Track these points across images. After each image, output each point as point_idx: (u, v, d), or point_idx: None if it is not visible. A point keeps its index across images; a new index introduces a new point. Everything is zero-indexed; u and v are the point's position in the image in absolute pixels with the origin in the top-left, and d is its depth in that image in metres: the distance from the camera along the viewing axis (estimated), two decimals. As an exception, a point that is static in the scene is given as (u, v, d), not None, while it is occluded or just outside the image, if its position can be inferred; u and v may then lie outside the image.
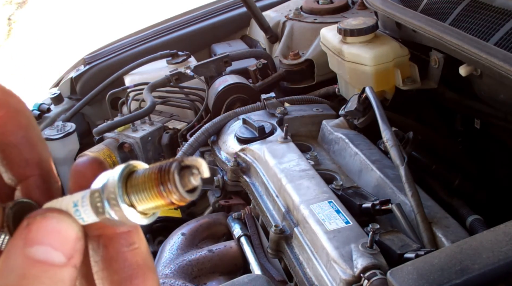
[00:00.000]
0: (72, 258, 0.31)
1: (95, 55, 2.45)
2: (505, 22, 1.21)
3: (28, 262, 0.30)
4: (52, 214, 0.32)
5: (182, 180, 0.30)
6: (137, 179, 0.31)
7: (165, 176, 0.30)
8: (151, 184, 0.31)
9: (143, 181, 0.31)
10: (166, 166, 0.30)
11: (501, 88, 1.22)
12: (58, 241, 0.31)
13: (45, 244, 0.30)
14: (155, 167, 0.31)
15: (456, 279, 0.79)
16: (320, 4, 2.23)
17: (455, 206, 1.26)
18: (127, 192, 0.31)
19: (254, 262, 1.33)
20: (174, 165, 0.30)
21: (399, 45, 1.52)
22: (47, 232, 0.31)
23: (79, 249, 0.32)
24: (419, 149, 1.38)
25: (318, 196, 1.18)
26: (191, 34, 2.53)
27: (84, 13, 7.20)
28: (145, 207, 0.31)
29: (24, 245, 0.30)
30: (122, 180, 0.32)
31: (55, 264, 0.30)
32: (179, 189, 0.30)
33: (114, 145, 1.97)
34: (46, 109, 2.25)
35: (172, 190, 0.30)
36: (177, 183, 0.30)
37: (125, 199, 0.31)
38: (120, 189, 0.31)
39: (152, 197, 0.31)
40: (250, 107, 1.69)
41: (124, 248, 0.35)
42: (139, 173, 0.32)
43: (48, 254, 0.30)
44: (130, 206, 0.31)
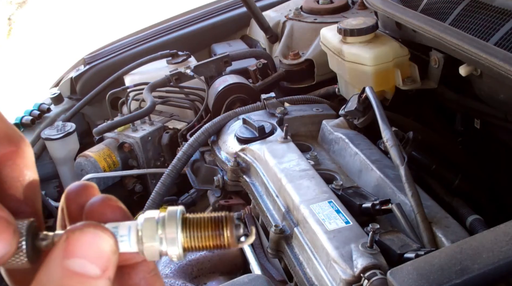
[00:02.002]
0: (107, 271, 0.33)
1: (95, 55, 2.45)
2: (505, 22, 1.21)
3: (66, 273, 0.32)
4: (89, 228, 0.34)
5: (236, 230, 0.37)
6: (194, 222, 0.37)
7: (227, 223, 0.37)
8: (212, 228, 0.37)
9: (202, 224, 0.37)
10: (226, 216, 0.37)
11: (501, 88, 1.22)
12: (94, 254, 0.33)
13: (82, 257, 0.33)
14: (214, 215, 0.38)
15: (456, 279, 0.79)
16: (320, 4, 2.23)
17: (455, 206, 1.25)
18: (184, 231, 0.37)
19: (254, 262, 1.33)
20: (233, 217, 0.37)
21: (399, 45, 1.52)
22: (85, 245, 0.33)
23: (113, 262, 0.34)
24: (419, 149, 1.38)
25: (318, 196, 1.18)
26: (191, 34, 2.53)
27: (84, 13, 7.20)
28: (194, 246, 0.37)
29: (63, 258, 0.33)
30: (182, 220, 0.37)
31: (91, 276, 0.33)
32: (233, 235, 0.37)
33: (114, 145, 1.97)
34: (46, 109, 2.25)
35: (229, 235, 0.37)
36: (234, 230, 0.37)
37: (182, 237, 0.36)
38: (180, 228, 0.36)
39: (207, 238, 0.37)
40: (250, 107, 1.69)
41: (147, 274, 0.39)
42: (195, 217, 0.37)
43: (85, 267, 0.33)
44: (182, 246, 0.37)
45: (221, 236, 0.37)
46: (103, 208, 0.37)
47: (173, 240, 0.36)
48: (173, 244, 0.36)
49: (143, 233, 0.36)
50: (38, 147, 2.11)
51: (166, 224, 0.36)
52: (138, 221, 0.36)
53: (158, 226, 0.36)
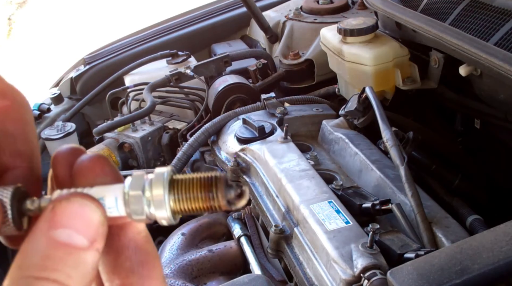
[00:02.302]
0: (95, 242, 0.32)
1: (95, 55, 2.45)
2: (505, 22, 1.21)
3: (52, 244, 0.31)
4: (76, 198, 0.33)
5: (227, 190, 0.35)
6: (183, 182, 0.35)
7: (216, 184, 0.35)
8: (200, 189, 0.35)
9: (191, 185, 0.35)
10: (216, 176, 0.35)
11: (501, 88, 1.22)
12: (82, 224, 0.32)
13: (69, 227, 0.32)
14: (204, 175, 0.36)
15: (456, 279, 0.79)
16: (320, 4, 2.23)
17: (455, 206, 1.25)
18: (172, 193, 0.35)
19: (254, 262, 1.33)
20: (224, 176, 0.35)
21: (399, 45, 1.52)
22: (71, 215, 0.32)
23: (102, 233, 0.33)
24: (419, 149, 1.38)
25: (318, 196, 1.18)
26: (191, 34, 2.53)
27: (84, 13, 7.20)
28: (183, 208, 0.35)
29: (48, 228, 0.32)
30: (169, 181, 0.35)
31: (78, 247, 0.32)
32: (224, 196, 0.35)
33: (114, 145, 1.97)
34: (46, 109, 2.25)
35: (219, 196, 0.35)
36: (224, 191, 0.35)
37: (170, 199, 0.34)
38: (167, 190, 0.34)
39: (196, 200, 0.35)
40: (250, 107, 1.69)
41: (136, 235, 0.37)
42: (184, 178, 0.35)
43: (72, 237, 0.32)
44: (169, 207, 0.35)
45: (211, 198, 0.35)
46: (93, 168, 0.36)
47: (161, 202, 0.34)
48: (161, 207, 0.34)
49: (130, 196, 0.34)
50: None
51: (153, 186, 0.34)
52: (126, 183, 0.35)
53: (145, 189, 0.34)
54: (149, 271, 0.36)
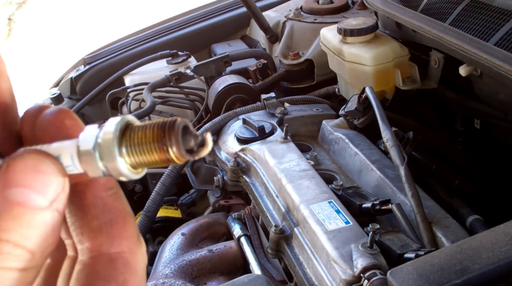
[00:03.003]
0: (55, 202, 0.30)
1: (95, 55, 2.45)
2: (505, 22, 1.21)
3: (6, 203, 0.29)
4: (30, 155, 0.31)
5: (184, 138, 0.30)
6: (135, 132, 0.31)
7: (169, 131, 0.30)
8: (153, 138, 0.31)
9: (143, 134, 0.31)
10: (170, 122, 0.31)
11: (501, 88, 1.22)
12: (39, 182, 0.30)
13: (24, 186, 0.29)
14: (158, 122, 0.31)
15: (456, 279, 0.79)
16: (320, 4, 2.23)
17: (455, 206, 1.26)
18: (123, 145, 0.31)
19: (254, 262, 1.33)
20: (179, 122, 0.31)
21: (399, 45, 1.52)
22: (27, 173, 0.30)
23: (62, 191, 0.31)
24: (419, 149, 1.38)
25: (318, 196, 1.18)
26: (191, 34, 2.52)
27: (84, 13, 7.20)
28: (139, 161, 0.31)
29: (2, 187, 0.29)
30: (119, 132, 0.31)
31: (35, 206, 0.29)
32: (180, 146, 0.30)
33: (114, 145, 1.96)
34: (46, 109, 2.25)
35: (174, 145, 0.30)
36: (180, 140, 0.30)
37: (121, 151, 0.31)
38: (116, 141, 0.31)
39: (150, 151, 0.31)
40: (250, 107, 1.69)
41: (103, 192, 0.34)
42: (137, 127, 0.31)
43: (28, 196, 0.29)
44: (123, 160, 0.31)
45: (165, 148, 0.30)
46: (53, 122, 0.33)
47: (111, 156, 0.31)
48: (113, 161, 0.31)
49: (81, 152, 0.31)
50: (38, 147, 2.11)
51: (103, 138, 0.31)
52: (79, 138, 0.32)
53: (96, 142, 0.31)
54: (119, 231, 0.33)
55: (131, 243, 0.34)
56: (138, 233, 0.35)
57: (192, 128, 0.31)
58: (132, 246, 0.34)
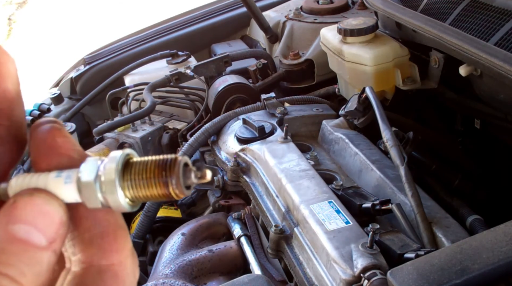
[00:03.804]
0: (54, 242, 0.31)
1: (95, 55, 2.45)
2: (505, 22, 1.21)
3: (9, 238, 0.30)
4: (40, 194, 0.32)
5: (184, 176, 0.31)
6: (136, 167, 0.32)
7: (171, 168, 0.31)
8: (154, 174, 0.32)
9: (144, 170, 0.32)
10: (171, 160, 0.32)
11: (501, 88, 1.22)
12: (42, 222, 0.31)
13: (28, 224, 0.30)
14: (159, 159, 0.32)
15: (456, 279, 0.79)
16: (320, 4, 2.23)
17: (455, 206, 1.26)
18: (124, 179, 0.32)
19: (254, 262, 1.33)
20: (180, 160, 0.32)
21: (399, 45, 1.52)
22: (33, 212, 0.31)
23: (62, 234, 0.32)
24: (419, 149, 1.38)
25: (318, 196, 1.18)
26: (191, 34, 2.52)
27: (84, 13, 7.20)
28: (138, 195, 0.32)
29: (7, 222, 0.30)
30: (121, 166, 0.32)
31: (36, 245, 0.30)
32: (181, 182, 0.31)
33: (114, 145, 1.97)
34: (46, 109, 2.25)
35: (174, 182, 0.31)
36: (181, 178, 0.31)
37: (122, 185, 0.32)
38: (118, 175, 0.32)
39: (150, 187, 0.32)
40: (250, 107, 1.69)
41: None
42: (138, 162, 0.32)
43: (31, 234, 0.30)
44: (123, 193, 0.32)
45: (166, 185, 0.31)
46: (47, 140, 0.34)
47: (113, 190, 0.31)
48: (114, 194, 0.32)
49: (82, 184, 0.32)
50: (38, 147, 2.11)
51: (105, 171, 0.32)
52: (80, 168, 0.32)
53: (98, 175, 0.32)
54: (109, 243, 0.34)
55: (121, 256, 0.34)
56: (130, 247, 0.35)
57: (191, 165, 0.32)
58: (122, 259, 0.34)
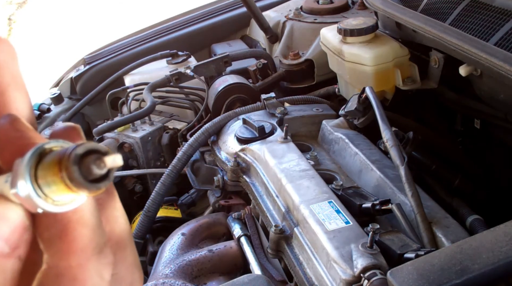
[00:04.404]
0: (18, 249, 0.30)
1: (95, 55, 2.45)
2: (505, 22, 1.21)
3: None
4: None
5: (82, 167, 0.26)
6: (45, 162, 0.28)
7: (65, 162, 0.26)
8: (55, 169, 0.27)
9: (48, 165, 0.27)
10: (67, 151, 0.26)
11: (501, 88, 1.22)
12: (3, 229, 0.29)
13: None
14: (62, 150, 0.27)
15: (456, 279, 0.79)
16: (320, 4, 2.23)
17: (455, 206, 1.26)
18: (37, 177, 0.28)
19: (254, 262, 1.33)
20: (74, 151, 0.26)
21: (399, 45, 1.52)
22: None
23: (25, 239, 0.30)
24: (419, 149, 1.38)
25: (318, 196, 1.18)
26: (191, 34, 2.52)
27: (84, 13, 7.20)
28: (54, 195, 0.28)
29: None
30: (30, 163, 0.27)
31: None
32: (76, 176, 0.26)
33: (114, 145, 1.97)
34: (46, 109, 2.25)
35: (71, 179, 0.26)
36: (75, 172, 0.26)
37: (34, 185, 0.28)
38: (27, 174, 0.27)
39: (57, 185, 0.27)
40: (250, 107, 1.69)
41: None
42: (50, 155, 0.28)
43: None
44: (39, 192, 0.28)
45: (64, 180, 0.26)
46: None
47: (25, 187, 0.27)
48: (26, 192, 0.28)
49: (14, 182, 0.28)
50: (38, 147, 2.11)
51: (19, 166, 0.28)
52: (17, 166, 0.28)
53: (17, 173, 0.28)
54: (68, 244, 0.30)
55: (81, 258, 0.31)
56: (95, 246, 0.31)
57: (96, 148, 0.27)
58: (82, 261, 0.31)
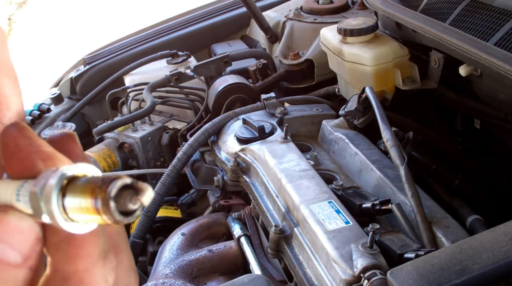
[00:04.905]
0: (29, 260, 0.31)
1: (95, 55, 2.45)
2: (505, 22, 1.21)
3: None
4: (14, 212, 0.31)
5: (118, 201, 0.28)
6: (78, 185, 0.30)
7: (102, 192, 0.28)
8: (87, 195, 0.29)
9: (83, 189, 0.29)
10: (106, 181, 0.28)
11: (501, 88, 1.22)
12: (17, 240, 0.30)
13: (2, 242, 0.30)
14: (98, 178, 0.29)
15: (456, 279, 0.79)
16: (320, 4, 2.23)
17: (455, 206, 1.26)
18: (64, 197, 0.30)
19: (254, 262, 1.33)
20: (113, 184, 0.28)
21: (399, 45, 1.52)
22: (6, 230, 0.30)
23: (37, 250, 0.31)
24: (419, 149, 1.38)
25: (318, 196, 1.18)
26: (191, 34, 2.52)
27: (84, 13, 7.20)
28: (79, 218, 0.30)
29: None
30: (60, 183, 0.30)
31: (10, 264, 0.30)
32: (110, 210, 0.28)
33: (114, 145, 1.97)
34: (46, 109, 2.25)
35: (105, 209, 0.28)
36: (111, 203, 0.28)
37: (59, 205, 0.29)
38: (56, 193, 0.29)
39: (86, 209, 0.29)
40: (250, 107, 1.69)
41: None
42: (83, 179, 0.30)
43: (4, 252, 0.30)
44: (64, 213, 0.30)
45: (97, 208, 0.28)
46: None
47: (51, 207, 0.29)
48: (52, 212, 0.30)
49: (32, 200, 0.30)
50: (38, 147, 2.11)
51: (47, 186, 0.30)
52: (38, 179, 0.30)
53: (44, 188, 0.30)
54: (75, 248, 0.32)
55: (88, 262, 0.32)
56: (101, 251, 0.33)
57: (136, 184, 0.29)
58: (89, 265, 0.32)
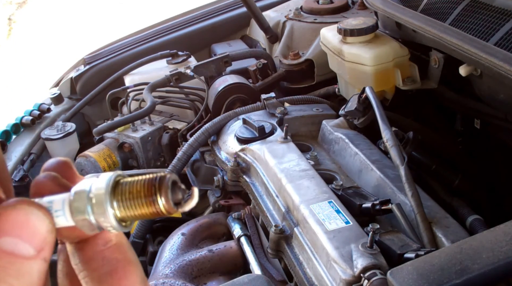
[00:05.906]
0: (42, 251, 0.31)
1: (95, 55, 2.45)
2: (505, 22, 1.21)
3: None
4: (22, 205, 0.32)
5: (173, 192, 0.33)
6: (126, 187, 0.33)
7: (160, 187, 0.33)
8: (143, 193, 0.33)
9: (133, 190, 0.33)
10: (160, 178, 0.33)
11: (501, 88, 1.22)
12: (28, 233, 0.31)
13: (13, 236, 0.30)
14: (147, 178, 0.33)
15: (456, 279, 0.79)
16: (320, 4, 2.23)
17: (455, 206, 1.26)
18: (114, 200, 0.33)
19: (254, 262, 1.33)
20: (168, 178, 0.33)
21: (399, 45, 1.52)
22: (17, 223, 0.31)
23: (50, 242, 0.32)
24: (419, 149, 1.38)
25: (318, 196, 1.18)
26: (191, 34, 2.53)
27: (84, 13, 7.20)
28: (129, 215, 0.33)
29: None
30: (111, 188, 0.33)
31: (23, 256, 0.30)
32: (170, 200, 0.33)
33: (114, 145, 1.97)
34: (46, 109, 2.25)
35: (163, 199, 0.33)
36: (169, 194, 0.33)
37: (112, 206, 0.33)
38: (108, 197, 0.33)
39: (140, 206, 0.33)
40: (250, 107, 1.69)
41: (100, 247, 0.36)
42: (127, 182, 0.34)
43: (16, 246, 0.30)
44: (113, 214, 0.33)
45: (155, 203, 0.33)
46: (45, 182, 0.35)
47: (103, 211, 0.33)
48: (104, 216, 0.33)
49: (73, 205, 0.33)
50: (38, 147, 2.11)
51: (95, 193, 0.33)
52: (71, 191, 0.33)
53: (88, 197, 0.33)
54: (119, 280, 0.35)
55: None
56: (141, 280, 0.36)
57: (180, 182, 0.34)
58: None
